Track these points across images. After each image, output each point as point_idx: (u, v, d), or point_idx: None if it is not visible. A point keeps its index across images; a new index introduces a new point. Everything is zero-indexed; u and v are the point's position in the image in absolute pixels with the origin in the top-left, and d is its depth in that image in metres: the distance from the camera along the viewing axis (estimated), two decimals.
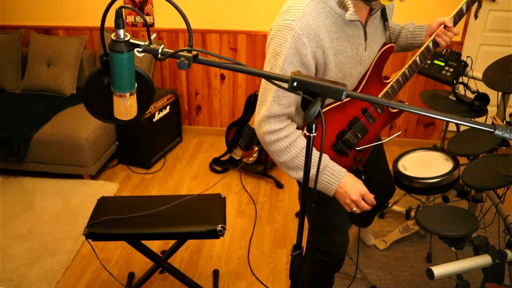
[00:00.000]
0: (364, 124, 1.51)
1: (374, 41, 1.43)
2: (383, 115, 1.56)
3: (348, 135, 1.48)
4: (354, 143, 1.51)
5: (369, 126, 1.52)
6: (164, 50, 0.91)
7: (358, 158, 1.55)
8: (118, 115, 1.03)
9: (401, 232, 2.63)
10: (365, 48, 1.40)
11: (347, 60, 1.36)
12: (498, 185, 1.79)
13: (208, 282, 2.32)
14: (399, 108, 0.91)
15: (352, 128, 1.49)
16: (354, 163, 1.56)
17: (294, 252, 1.12)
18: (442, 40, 1.55)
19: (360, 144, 1.53)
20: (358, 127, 1.50)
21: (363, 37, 1.37)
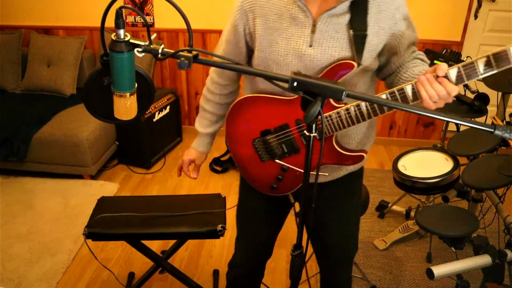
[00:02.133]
0: (293, 137, 1.30)
1: (328, 44, 1.20)
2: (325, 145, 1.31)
3: (271, 138, 1.33)
4: (276, 153, 1.34)
5: (302, 146, 1.31)
6: (164, 50, 0.91)
7: (280, 177, 1.39)
8: (118, 115, 1.03)
9: (401, 232, 2.63)
10: (310, 42, 1.20)
11: (282, 43, 1.22)
12: (498, 185, 1.79)
13: (208, 282, 2.31)
14: (400, 108, 0.91)
15: (278, 133, 1.31)
16: (275, 182, 1.40)
17: (294, 252, 1.12)
18: (424, 91, 1.06)
19: (289, 162, 1.35)
20: (284, 137, 1.31)
21: (309, 28, 1.19)
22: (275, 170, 1.38)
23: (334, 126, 1.25)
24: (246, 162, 1.42)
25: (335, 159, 1.32)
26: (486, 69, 1.02)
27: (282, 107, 1.29)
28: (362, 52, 1.19)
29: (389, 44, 1.25)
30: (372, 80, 1.37)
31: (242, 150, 1.41)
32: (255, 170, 1.42)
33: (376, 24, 1.19)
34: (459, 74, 1.04)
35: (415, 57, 1.32)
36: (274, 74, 0.91)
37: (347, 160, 1.33)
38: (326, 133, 1.26)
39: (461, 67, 1.04)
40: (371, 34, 1.19)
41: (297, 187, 1.40)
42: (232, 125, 1.39)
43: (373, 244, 2.59)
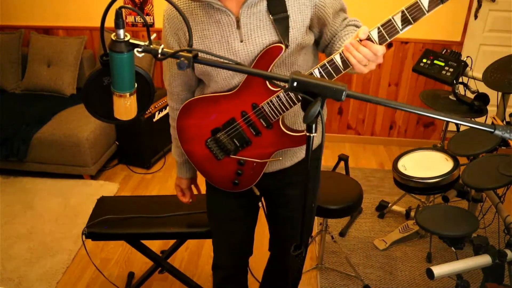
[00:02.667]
0: (242, 130, 1.32)
1: (256, 34, 1.23)
2: (272, 132, 1.32)
3: (221, 136, 1.35)
4: (229, 149, 1.36)
5: (253, 137, 1.33)
6: (164, 50, 0.91)
7: (239, 172, 1.41)
8: (118, 115, 1.03)
9: (401, 232, 2.63)
10: (240, 38, 1.24)
11: (216, 47, 1.26)
12: (498, 185, 1.79)
13: (208, 282, 2.31)
14: (399, 108, 0.91)
15: (226, 129, 1.34)
16: (236, 178, 1.43)
17: (294, 252, 1.12)
18: (352, 57, 1.10)
19: (244, 154, 1.37)
20: (234, 131, 1.33)
21: (234, 25, 1.23)
22: (233, 166, 1.40)
23: (277, 110, 1.27)
24: (204, 163, 1.44)
25: (287, 142, 1.34)
26: (404, 24, 1.07)
27: (227, 102, 1.31)
28: (288, 33, 1.23)
29: (315, 17, 1.27)
30: (315, 55, 1.40)
31: (198, 152, 1.42)
32: (214, 169, 1.43)
33: (296, 1, 1.23)
34: (381, 34, 1.09)
35: (347, 25, 1.34)
36: (274, 74, 0.91)
37: (297, 141, 1.34)
38: (272, 118, 1.29)
39: (380, 26, 1.08)
40: (293, 13, 1.23)
41: (259, 178, 1.42)
42: (183, 130, 1.41)
43: (373, 244, 2.59)
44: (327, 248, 2.54)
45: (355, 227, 2.74)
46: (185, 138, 1.42)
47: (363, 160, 3.60)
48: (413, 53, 3.48)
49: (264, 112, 1.28)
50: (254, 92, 1.27)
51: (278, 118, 1.29)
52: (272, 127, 1.31)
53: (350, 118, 3.80)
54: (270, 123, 1.30)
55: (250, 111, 1.30)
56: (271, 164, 1.41)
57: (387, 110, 3.72)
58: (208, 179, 1.50)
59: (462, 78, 2.38)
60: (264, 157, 1.37)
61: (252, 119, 1.30)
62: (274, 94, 1.25)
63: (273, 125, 1.31)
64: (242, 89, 1.29)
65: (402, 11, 1.05)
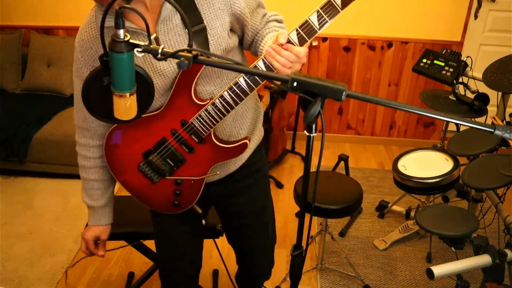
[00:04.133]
0: (174, 149, 1.29)
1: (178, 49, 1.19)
2: (205, 146, 1.29)
3: (154, 158, 1.31)
4: (164, 170, 1.32)
5: (186, 155, 1.30)
6: (164, 50, 0.91)
7: (178, 192, 1.37)
8: (118, 115, 1.03)
9: (401, 232, 2.63)
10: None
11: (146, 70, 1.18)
12: (498, 185, 1.79)
13: (208, 282, 2.31)
14: (399, 108, 0.91)
15: (158, 151, 1.29)
16: (175, 199, 1.39)
17: (294, 252, 1.12)
18: (275, 61, 1.09)
19: (180, 173, 1.33)
20: (166, 151, 1.29)
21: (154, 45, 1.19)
22: (170, 187, 1.36)
23: (207, 124, 1.24)
24: (141, 190, 1.39)
25: (222, 155, 1.32)
26: (320, 22, 1.07)
27: (154, 122, 1.27)
28: (207, 44, 1.20)
29: (234, 18, 1.23)
30: (242, 54, 1.37)
31: (131, 179, 1.37)
32: (151, 194, 1.39)
33: (210, 8, 1.19)
34: (300, 35, 1.09)
35: (267, 21, 1.32)
36: (274, 74, 0.91)
37: (232, 153, 1.33)
38: (204, 133, 1.26)
39: (298, 28, 1.08)
40: (210, 21, 1.19)
41: (198, 195, 1.39)
42: (113, 160, 1.35)
43: (373, 244, 2.59)
44: (327, 248, 2.54)
45: (355, 227, 2.74)
46: (117, 168, 1.36)
47: (363, 160, 3.60)
48: (413, 53, 3.48)
49: (194, 127, 1.25)
50: (181, 108, 1.23)
51: (210, 131, 1.26)
52: (204, 141, 1.28)
53: (350, 118, 3.80)
54: (202, 138, 1.27)
55: (180, 128, 1.26)
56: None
57: (387, 110, 3.72)
58: (147, 206, 1.45)
59: (462, 78, 2.38)
60: (201, 174, 1.34)
61: (183, 136, 1.27)
62: (202, 108, 1.22)
63: (205, 140, 1.28)
64: (168, 107, 1.24)
65: (317, 10, 1.05)
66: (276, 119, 3.16)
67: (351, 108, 3.76)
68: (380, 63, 3.55)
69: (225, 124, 1.32)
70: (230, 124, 1.34)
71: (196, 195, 1.39)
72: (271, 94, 3.00)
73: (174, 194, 1.38)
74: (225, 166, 1.39)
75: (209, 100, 1.22)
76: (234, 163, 1.41)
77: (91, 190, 1.44)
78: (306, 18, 1.07)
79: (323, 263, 2.40)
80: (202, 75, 1.23)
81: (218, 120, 1.24)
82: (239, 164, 1.42)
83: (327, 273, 2.38)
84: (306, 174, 1.02)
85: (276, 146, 3.30)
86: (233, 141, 1.34)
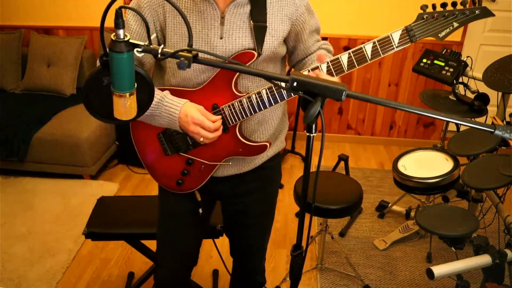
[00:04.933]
0: None
1: (237, 35, 1.23)
2: (227, 136, 1.31)
3: (175, 131, 1.32)
4: (181, 146, 1.33)
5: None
6: (164, 50, 0.91)
7: (186, 171, 1.37)
8: (118, 115, 1.03)
9: (401, 232, 2.63)
10: (220, 34, 1.23)
11: (194, 38, 1.23)
12: (498, 185, 1.79)
13: (208, 282, 2.31)
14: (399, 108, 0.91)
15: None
16: (181, 177, 1.39)
17: (294, 252, 1.12)
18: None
19: (195, 154, 1.34)
20: None
21: (218, 20, 1.22)
22: (180, 164, 1.37)
23: (237, 115, 1.27)
24: (151, 155, 1.39)
25: (240, 150, 1.33)
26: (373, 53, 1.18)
27: (188, 97, 1.27)
28: (263, 42, 1.24)
29: (293, 31, 1.30)
30: (283, 66, 1.41)
31: (147, 142, 1.37)
32: (160, 164, 1.39)
33: (279, 12, 1.25)
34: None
35: (319, 47, 1.38)
36: (274, 74, 0.91)
37: (250, 151, 1.34)
38: (230, 122, 1.28)
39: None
40: (273, 23, 1.25)
41: (204, 181, 1.39)
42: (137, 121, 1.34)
43: (373, 244, 2.59)
44: (327, 248, 2.54)
45: (355, 227, 2.74)
46: (137, 123, 1.35)
47: (363, 160, 3.60)
48: (413, 53, 3.48)
49: (223, 114, 1.27)
50: (218, 93, 1.25)
51: (236, 123, 1.28)
52: (228, 131, 1.30)
53: (350, 118, 3.80)
54: (227, 127, 1.29)
55: (210, 111, 1.27)
56: (226, 168, 1.39)
57: (387, 110, 3.72)
58: (151, 173, 1.44)
59: (462, 78, 2.38)
60: (214, 160, 1.35)
61: None
62: (237, 98, 1.25)
63: (229, 130, 1.29)
64: (207, 87, 1.27)
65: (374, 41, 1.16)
66: None
67: (351, 108, 3.76)
68: (380, 63, 3.55)
69: (249, 124, 1.34)
70: (254, 126, 1.35)
71: (202, 180, 1.39)
72: None
73: (181, 173, 1.38)
74: (239, 163, 1.40)
75: (246, 94, 1.26)
76: (248, 164, 1.41)
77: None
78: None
79: (323, 263, 2.40)
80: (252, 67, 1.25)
81: (248, 114, 1.26)
82: (252, 166, 1.42)
83: (327, 273, 2.38)
84: (306, 174, 1.02)
85: None
86: (254, 140, 1.35)
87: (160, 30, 1.25)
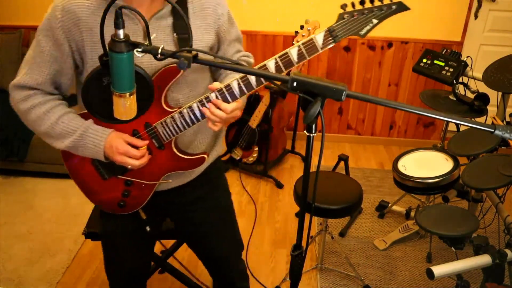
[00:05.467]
0: None
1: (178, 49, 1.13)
2: (164, 153, 1.28)
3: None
4: (117, 168, 1.29)
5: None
6: (163, 50, 0.91)
7: (126, 193, 1.34)
8: (118, 115, 1.03)
9: (401, 232, 2.63)
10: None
11: None
12: (498, 185, 1.79)
13: (208, 282, 2.31)
14: (399, 108, 0.91)
15: None
16: (121, 200, 1.36)
17: (294, 252, 1.12)
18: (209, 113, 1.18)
19: (133, 175, 1.31)
20: None
21: (141, 35, 1.18)
22: (119, 187, 1.34)
23: (171, 131, 1.25)
24: (88, 182, 1.35)
25: (179, 165, 1.32)
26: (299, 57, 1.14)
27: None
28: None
29: (216, 38, 1.29)
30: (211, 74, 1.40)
31: (82, 169, 1.33)
32: (98, 189, 1.36)
33: (202, 22, 1.24)
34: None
35: (239, 58, 1.38)
36: (274, 75, 0.91)
37: (188, 164, 1.33)
38: (165, 139, 1.26)
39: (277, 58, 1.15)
40: (197, 34, 1.23)
41: (147, 199, 1.37)
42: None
43: (373, 244, 2.59)
44: (327, 248, 2.54)
45: (355, 227, 2.74)
46: (68, 152, 1.28)
47: (363, 160, 3.60)
48: (413, 53, 3.48)
49: (157, 132, 1.25)
50: (149, 110, 1.20)
51: (171, 139, 1.27)
52: (164, 148, 1.28)
53: (350, 118, 3.80)
54: (162, 144, 1.27)
55: (143, 130, 1.25)
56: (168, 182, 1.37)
57: (387, 110, 3.72)
58: (91, 200, 1.41)
59: (462, 78, 2.38)
60: (154, 179, 1.33)
61: (144, 138, 1.26)
62: (169, 115, 1.22)
63: (165, 146, 1.28)
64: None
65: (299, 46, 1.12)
66: (276, 119, 3.16)
67: (351, 108, 3.76)
68: (380, 63, 3.55)
69: (185, 135, 1.32)
70: (190, 137, 1.34)
71: (144, 199, 1.37)
72: (271, 94, 3.00)
73: (122, 195, 1.35)
74: (179, 176, 1.38)
75: (177, 108, 1.23)
76: (189, 175, 1.41)
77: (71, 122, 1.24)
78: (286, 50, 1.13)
79: (323, 263, 2.40)
80: (175, 82, 1.21)
81: (182, 129, 1.24)
82: (193, 176, 1.42)
83: (327, 273, 2.38)
84: (306, 174, 1.02)
85: (276, 146, 3.30)
86: (191, 153, 1.33)
87: (77, 51, 1.19)
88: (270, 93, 3.00)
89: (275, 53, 3.54)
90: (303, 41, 1.12)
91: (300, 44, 1.12)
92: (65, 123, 1.23)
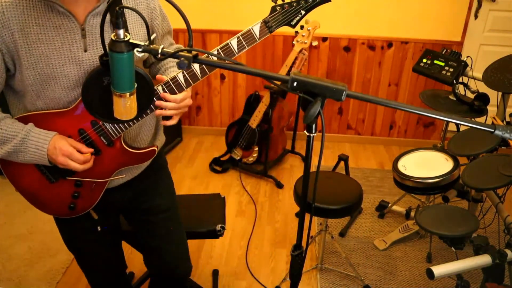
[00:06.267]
0: None
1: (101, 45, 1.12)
2: (113, 150, 1.27)
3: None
4: (64, 170, 1.24)
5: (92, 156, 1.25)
6: (164, 50, 0.91)
7: (76, 194, 1.31)
8: (118, 115, 1.03)
9: (401, 232, 2.63)
10: (84, 47, 1.16)
11: (54, 54, 1.13)
12: (498, 185, 1.79)
13: (208, 282, 2.31)
14: (399, 108, 0.91)
15: None
16: (72, 202, 1.32)
17: (294, 252, 1.12)
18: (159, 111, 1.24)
19: (83, 175, 1.27)
20: None
21: (78, 33, 1.14)
22: (69, 189, 1.30)
23: (119, 127, 1.25)
24: (34, 188, 1.29)
25: (129, 160, 1.32)
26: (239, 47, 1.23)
27: (63, 119, 1.21)
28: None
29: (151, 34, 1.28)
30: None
31: (26, 176, 1.27)
32: (46, 195, 1.30)
33: (137, 16, 1.26)
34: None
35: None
36: (274, 74, 0.91)
37: (139, 159, 1.35)
38: (113, 135, 1.26)
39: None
40: (134, 28, 1.25)
41: (98, 198, 1.35)
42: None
43: (373, 244, 2.59)
44: (327, 248, 2.54)
45: (355, 227, 2.74)
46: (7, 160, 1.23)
47: (363, 160, 3.60)
48: (413, 53, 3.48)
49: (104, 129, 1.24)
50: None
51: (120, 135, 1.26)
52: (113, 144, 1.26)
53: (350, 118, 3.80)
54: (111, 141, 1.26)
55: (90, 128, 1.22)
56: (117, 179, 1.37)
57: (387, 110, 3.72)
58: (38, 207, 1.35)
59: (462, 78, 2.38)
60: (105, 176, 1.31)
61: (92, 137, 1.23)
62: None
63: (114, 143, 1.26)
64: (80, 105, 1.20)
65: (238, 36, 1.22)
66: (276, 119, 3.16)
67: (351, 108, 3.76)
68: (380, 63, 3.55)
69: (131, 129, 1.32)
70: (135, 130, 1.34)
71: (95, 199, 1.35)
72: (271, 94, 3.00)
73: (72, 197, 1.31)
74: (131, 170, 1.39)
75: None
76: (140, 167, 1.43)
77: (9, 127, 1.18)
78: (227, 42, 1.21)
79: (323, 263, 2.40)
80: None
81: (130, 125, 1.25)
82: (143, 167, 1.44)
83: (327, 273, 2.38)
84: (306, 174, 1.02)
85: (276, 146, 3.30)
86: (140, 147, 1.35)
87: (8, 53, 1.12)
88: (270, 93, 3.00)
89: (275, 53, 3.56)
90: (241, 33, 1.21)
91: (239, 35, 1.21)
92: (3, 129, 1.17)
